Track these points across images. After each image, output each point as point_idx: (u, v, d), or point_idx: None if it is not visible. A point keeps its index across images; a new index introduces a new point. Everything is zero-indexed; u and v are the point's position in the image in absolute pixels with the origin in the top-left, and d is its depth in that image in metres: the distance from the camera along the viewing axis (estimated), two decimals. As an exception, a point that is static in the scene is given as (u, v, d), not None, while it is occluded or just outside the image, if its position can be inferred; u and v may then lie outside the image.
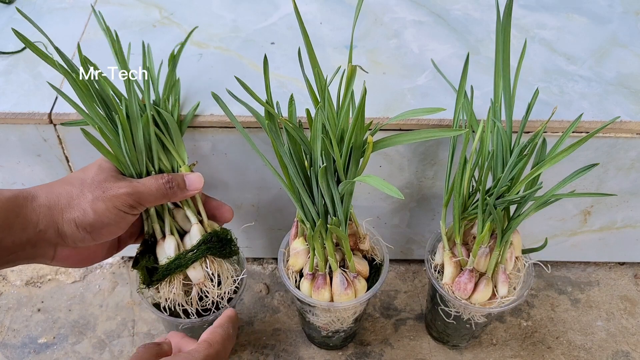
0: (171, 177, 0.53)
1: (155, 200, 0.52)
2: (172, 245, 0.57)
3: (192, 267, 0.56)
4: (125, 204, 0.49)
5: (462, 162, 0.58)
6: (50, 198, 0.48)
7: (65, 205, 0.48)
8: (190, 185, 0.55)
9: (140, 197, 0.50)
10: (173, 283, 0.57)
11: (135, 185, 0.51)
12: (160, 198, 0.52)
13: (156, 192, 0.52)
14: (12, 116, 0.63)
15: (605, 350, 0.75)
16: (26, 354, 0.73)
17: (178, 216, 0.60)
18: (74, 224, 0.48)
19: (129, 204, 0.50)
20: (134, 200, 0.50)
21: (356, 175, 0.51)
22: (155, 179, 0.52)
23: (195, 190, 0.55)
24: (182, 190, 0.54)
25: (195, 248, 0.57)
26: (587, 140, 0.52)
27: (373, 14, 0.78)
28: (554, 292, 0.81)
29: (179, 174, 0.55)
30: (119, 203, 0.49)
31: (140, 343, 0.74)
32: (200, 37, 0.74)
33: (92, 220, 0.48)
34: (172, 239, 0.58)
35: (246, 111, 0.52)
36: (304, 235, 0.61)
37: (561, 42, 0.74)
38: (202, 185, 0.55)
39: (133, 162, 0.54)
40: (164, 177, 0.53)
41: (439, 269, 0.65)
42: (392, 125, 0.63)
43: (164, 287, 0.57)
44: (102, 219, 0.48)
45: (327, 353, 0.74)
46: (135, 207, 0.51)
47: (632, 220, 0.75)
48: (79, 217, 0.48)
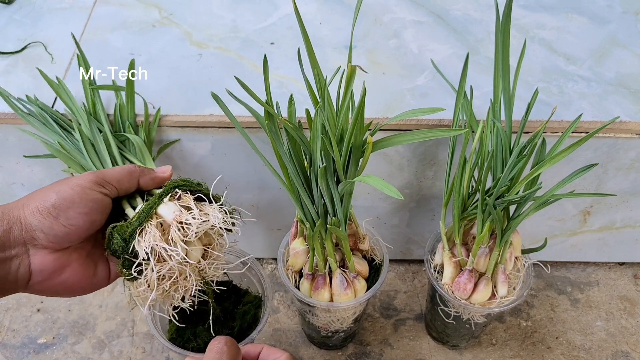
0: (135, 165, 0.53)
1: (120, 177, 0.50)
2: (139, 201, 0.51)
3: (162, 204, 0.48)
4: (89, 180, 0.47)
5: (461, 162, 0.58)
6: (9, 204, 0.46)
7: (25, 200, 0.46)
8: (158, 170, 0.53)
9: (104, 174, 0.49)
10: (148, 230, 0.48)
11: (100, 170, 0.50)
12: (126, 175, 0.50)
13: (121, 170, 0.50)
14: (12, 116, 0.63)
15: (605, 350, 0.75)
16: (26, 354, 0.73)
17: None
18: (37, 211, 0.45)
19: (94, 180, 0.48)
20: (98, 177, 0.48)
21: (356, 176, 0.51)
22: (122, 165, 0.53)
23: (164, 173, 0.53)
24: (150, 171, 0.52)
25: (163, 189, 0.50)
26: (587, 140, 0.52)
27: (373, 14, 0.78)
28: (554, 292, 0.81)
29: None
30: (82, 181, 0.47)
31: (140, 343, 0.74)
32: (200, 37, 0.74)
33: (54, 201, 0.45)
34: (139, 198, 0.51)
35: (246, 111, 0.52)
36: (304, 235, 0.61)
37: (561, 42, 0.74)
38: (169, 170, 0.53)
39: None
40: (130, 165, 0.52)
41: (438, 269, 0.65)
42: (392, 126, 0.63)
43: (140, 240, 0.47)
44: (65, 196, 0.46)
45: (327, 353, 0.74)
46: (101, 184, 0.48)
47: (631, 220, 0.75)
48: (40, 202, 0.45)
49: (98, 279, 0.51)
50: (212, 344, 0.44)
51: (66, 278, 0.48)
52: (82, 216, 0.47)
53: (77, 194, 0.46)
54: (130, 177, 0.50)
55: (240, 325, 0.63)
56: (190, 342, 0.61)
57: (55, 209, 0.46)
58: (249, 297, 0.66)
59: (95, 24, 0.76)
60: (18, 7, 0.78)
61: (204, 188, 0.53)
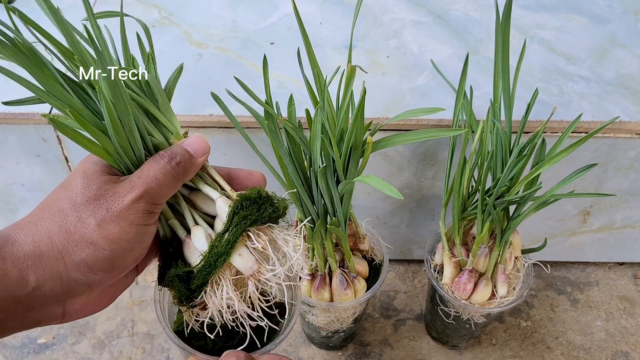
0: (170, 152, 0.40)
1: (169, 189, 0.40)
2: (202, 236, 0.42)
3: (235, 254, 0.41)
4: (140, 213, 0.37)
5: (461, 162, 0.58)
6: (39, 241, 0.35)
7: (63, 245, 0.35)
8: (196, 152, 0.42)
9: (152, 194, 0.38)
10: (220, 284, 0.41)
11: (139, 183, 0.38)
12: (173, 184, 0.40)
13: (165, 178, 0.39)
14: (12, 116, 0.63)
15: (605, 350, 0.75)
16: (25, 354, 0.73)
17: (197, 200, 0.45)
18: (85, 266, 0.36)
19: (145, 210, 0.37)
20: (148, 203, 0.38)
21: (356, 176, 0.51)
22: (155, 162, 0.40)
23: (203, 155, 0.42)
24: (190, 161, 0.41)
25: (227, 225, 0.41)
26: (587, 140, 0.52)
27: (372, 14, 0.78)
28: (554, 292, 0.81)
29: (176, 145, 0.42)
30: (134, 216, 0.37)
31: (140, 343, 0.74)
32: (199, 37, 0.74)
33: (109, 254, 0.36)
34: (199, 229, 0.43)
35: (246, 111, 0.52)
36: (304, 235, 0.61)
37: (560, 42, 0.74)
38: (208, 147, 0.43)
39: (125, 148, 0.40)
40: (163, 155, 0.40)
41: (438, 269, 0.65)
42: (392, 126, 0.63)
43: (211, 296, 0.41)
44: (121, 245, 0.36)
45: (327, 353, 0.74)
46: (152, 211, 0.38)
47: (631, 220, 0.75)
48: (89, 255, 0.36)
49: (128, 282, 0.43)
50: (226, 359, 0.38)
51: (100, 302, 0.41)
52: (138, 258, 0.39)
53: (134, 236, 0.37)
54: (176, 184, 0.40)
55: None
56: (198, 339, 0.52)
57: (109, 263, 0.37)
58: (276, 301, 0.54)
59: (95, 24, 0.75)
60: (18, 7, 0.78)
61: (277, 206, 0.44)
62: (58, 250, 0.35)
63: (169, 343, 0.74)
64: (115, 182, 0.38)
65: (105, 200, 0.37)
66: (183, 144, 0.42)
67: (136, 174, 0.39)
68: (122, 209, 0.36)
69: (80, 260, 0.35)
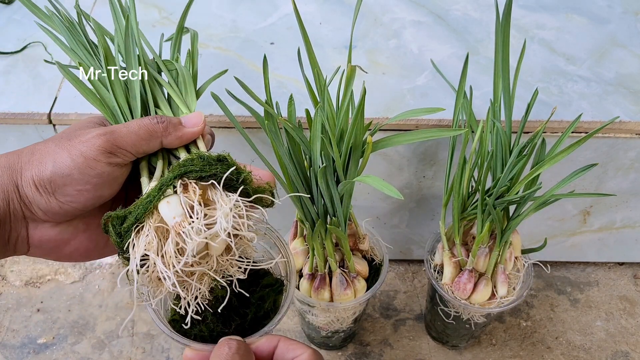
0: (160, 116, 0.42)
1: (138, 140, 0.40)
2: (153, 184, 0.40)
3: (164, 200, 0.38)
4: (94, 147, 0.38)
5: (461, 162, 0.58)
6: (10, 158, 0.38)
7: (24, 162, 0.38)
8: (187, 122, 0.42)
9: (115, 136, 0.38)
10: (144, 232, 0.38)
11: (112, 128, 0.39)
12: (146, 138, 0.40)
13: (138, 129, 0.40)
14: (12, 116, 0.63)
15: (605, 350, 0.75)
16: (25, 354, 0.73)
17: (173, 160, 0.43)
18: (32, 183, 0.37)
19: (100, 146, 0.38)
20: (108, 141, 0.38)
21: (355, 176, 0.51)
22: (140, 120, 0.41)
23: (193, 127, 0.43)
24: (175, 126, 0.41)
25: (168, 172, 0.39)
26: (587, 140, 0.52)
27: (372, 14, 0.78)
28: (554, 292, 0.81)
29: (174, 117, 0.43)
30: (85, 148, 0.38)
31: (140, 343, 0.74)
32: (199, 37, 0.74)
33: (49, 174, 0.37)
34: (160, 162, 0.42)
35: (246, 111, 0.52)
36: (304, 235, 0.61)
37: (560, 42, 0.74)
38: (202, 121, 0.43)
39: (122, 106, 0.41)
40: (151, 117, 0.41)
41: (438, 269, 0.65)
42: (392, 126, 0.63)
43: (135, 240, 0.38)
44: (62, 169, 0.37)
45: (327, 353, 0.74)
46: (111, 151, 0.38)
47: (631, 220, 0.75)
48: (36, 173, 0.38)
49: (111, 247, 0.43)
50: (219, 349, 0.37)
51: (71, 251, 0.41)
52: (83, 193, 0.39)
53: (78, 167, 0.37)
54: (150, 139, 0.40)
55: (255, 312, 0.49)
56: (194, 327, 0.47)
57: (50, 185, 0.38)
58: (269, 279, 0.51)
59: (95, 24, 0.75)
60: (18, 7, 0.78)
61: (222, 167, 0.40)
62: (20, 166, 0.38)
63: (169, 343, 0.74)
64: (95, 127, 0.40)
65: (73, 134, 0.39)
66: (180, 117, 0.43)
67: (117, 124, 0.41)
68: (80, 141, 0.38)
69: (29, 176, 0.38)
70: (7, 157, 0.39)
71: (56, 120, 0.63)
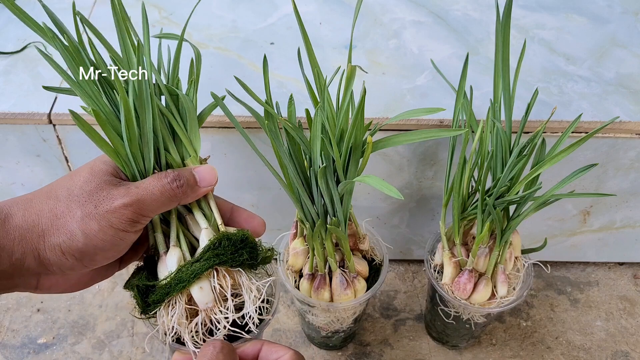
0: (177, 173, 0.42)
1: (160, 206, 0.41)
2: (175, 258, 0.44)
3: (196, 285, 0.42)
4: (123, 219, 0.39)
5: (461, 162, 0.58)
6: (28, 218, 0.38)
7: (47, 226, 0.38)
8: (202, 181, 0.44)
9: (142, 206, 0.40)
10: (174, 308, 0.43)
11: (134, 192, 0.40)
12: (167, 203, 0.42)
13: (161, 196, 0.41)
14: (12, 116, 0.63)
15: (605, 350, 0.75)
16: (25, 354, 0.73)
17: (191, 222, 0.47)
18: (59, 250, 0.38)
19: (129, 218, 0.39)
20: (135, 213, 0.40)
21: (356, 176, 0.51)
22: (158, 178, 0.42)
23: (208, 187, 0.45)
24: (193, 188, 0.43)
25: (200, 256, 0.43)
26: (587, 140, 0.52)
27: (372, 15, 0.78)
28: (554, 292, 0.81)
29: (186, 169, 0.44)
30: (115, 220, 0.39)
31: (140, 343, 0.74)
32: (199, 37, 0.74)
33: (81, 245, 0.38)
34: (175, 251, 0.45)
35: (246, 111, 0.52)
36: (304, 235, 0.61)
37: (560, 42, 0.74)
38: (215, 180, 0.45)
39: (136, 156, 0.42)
40: (169, 174, 0.42)
41: (438, 269, 0.65)
42: (392, 126, 0.63)
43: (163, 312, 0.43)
44: (95, 242, 0.39)
45: (327, 353, 0.74)
46: (138, 221, 0.40)
47: (631, 220, 0.75)
48: (65, 241, 0.38)
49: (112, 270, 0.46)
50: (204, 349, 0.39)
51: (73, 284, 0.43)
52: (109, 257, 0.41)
53: (111, 238, 0.39)
54: (170, 204, 0.42)
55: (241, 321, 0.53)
56: None
57: (80, 253, 0.39)
58: None
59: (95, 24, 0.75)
60: (18, 7, 0.78)
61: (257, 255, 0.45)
62: (41, 229, 0.38)
63: (169, 343, 0.74)
64: (114, 185, 0.40)
65: (97, 198, 0.39)
66: (193, 170, 0.45)
67: (136, 183, 0.41)
68: (108, 210, 0.39)
69: (56, 243, 0.38)
70: (25, 217, 0.38)
71: (56, 120, 0.63)
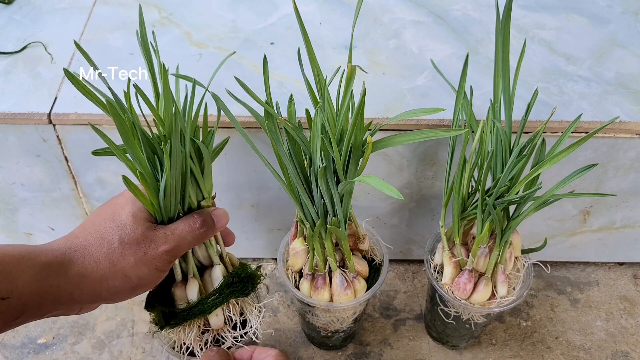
0: (203, 219, 0.50)
1: (189, 247, 0.50)
2: (195, 290, 0.54)
3: (213, 314, 0.54)
4: (165, 262, 0.47)
5: (461, 162, 0.58)
6: (87, 266, 0.44)
7: (105, 272, 0.45)
8: (218, 223, 0.52)
9: (178, 250, 0.48)
10: (191, 328, 0.54)
11: (172, 239, 0.48)
12: (194, 244, 0.50)
13: (192, 240, 0.49)
14: (12, 116, 0.63)
15: (605, 350, 0.75)
16: (25, 354, 0.73)
17: (199, 252, 0.57)
18: (114, 290, 0.45)
19: (169, 261, 0.48)
20: (173, 256, 0.48)
21: (355, 176, 0.51)
22: (188, 224, 0.49)
23: (221, 228, 0.53)
24: (212, 230, 0.51)
25: (217, 292, 0.54)
26: (587, 140, 0.52)
27: (372, 15, 0.78)
28: (554, 292, 0.81)
29: (206, 212, 0.52)
30: (159, 263, 0.47)
31: (140, 343, 0.74)
32: (199, 37, 0.74)
33: (134, 285, 0.46)
34: (194, 283, 0.55)
35: (246, 111, 0.52)
36: (304, 235, 0.61)
37: (560, 42, 0.74)
38: (227, 222, 0.53)
39: (167, 207, 0.49)
40: (197, 220, 0.50)
41: (438, 269, 0.65)
42: (392, 126, 0.63)
43: (180, 331, 0.54)
44: (145, 282, 0.46)
45: (327, 353, 0.74)
46: (173, 261, 0.49)
47: (631, 220, 0.75)
48: (121, 284, 0.45)
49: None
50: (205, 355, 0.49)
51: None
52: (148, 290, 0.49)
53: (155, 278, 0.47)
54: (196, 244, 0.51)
55: None
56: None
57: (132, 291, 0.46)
58: None
59: (95, 24, 0.76)
60: (18, 7, 0.78)
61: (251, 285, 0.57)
62: (100, 275, 0.44)
63: (169, 343, 0.74)
64: (154, 231, 0.47)
65: (145, 245, 0.46)
66: (212, 213, 0.52)
67: (171, 228, 0.48)
68: (154, 256, 0.46)
69: (112, 286, 0.45)
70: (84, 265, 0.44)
71: (56, 120, 0.63)
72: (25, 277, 0.41)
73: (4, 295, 0.40)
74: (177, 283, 0.55)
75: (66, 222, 0.76)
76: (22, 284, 0.41)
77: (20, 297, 0.41)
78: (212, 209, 0.53)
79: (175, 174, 0.47)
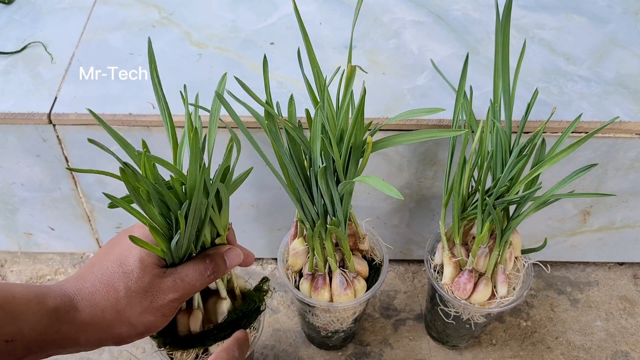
0: (214, 264, 0.49)
1: (198, 291, 0.50)
2: (198, 322, 0.54)
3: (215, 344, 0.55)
4: (172, 309, 0.47)
5: (461, 163, 0.58)
6: (94, 315, 0.44)
7: (111, 320, 0.45)
8: (230, 265, 0.50)
9: (186, 297, 0.48)
10: (190, 354, 0.55)
11: (180, 286, 0.47)
12: (203, 287, 0.49)
13: (201, 286, 0.48)
14: (12, 116, 0.63)
15: (605, 350, 0.75)
16: (25, 354, 0.73)
17: None
18: (120, 337, 0.46)
19: (176, 307, 0.47)
20: (181, 302, 0.48)
21: (356, 176, 0.51)
22: (199, 271, 0.48)
23: (233, 267, 0.51)
24: (224, 272, 0.50)
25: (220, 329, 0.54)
26: (586, 140, 0.52)
27: (372, 15, 0.78)
28: (554, 292, 0.81)
29: (219, 254, 0.50)
30: (167, 310, 0.46)
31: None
32: (199, 37, 0.74)
33: (140, 332, 0.46)
34: (198, 315, 0.54)
35: (246, 111, 0.52)
36: (304, 235, 0.61)
37: (560, 42, 0.74)
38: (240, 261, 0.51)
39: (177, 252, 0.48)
40: (208, 267, 0.48)
41: (438, 269, 0.65)
42: (392, 126, 0.63)
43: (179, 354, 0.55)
44: (151, 329, 0.46)
45: (327, 353, 0.74)
46: (179, 306, 0.48)
47: (631, 220, 0.75)
48: (127, 331, 0.45)
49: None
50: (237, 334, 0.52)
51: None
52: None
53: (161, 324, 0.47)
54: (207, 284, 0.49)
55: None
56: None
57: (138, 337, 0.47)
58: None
59: (95, 24, 0.76)
60: (18, 7, 0.78)
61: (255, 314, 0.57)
62: (106, 323, 0.44)
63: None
64: (162, 277, 0.46)
65: (152, 294, 0.46)
66: (225, 254, 0.50)
67: (181, 275, 0.47)
68: (161, 304, 0.46)
69: (118, 333, 0.45)
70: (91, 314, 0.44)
71: (56, 120, 0.63)
72: (32, 321, 0.41)
73: (8, 338, 0.40)
74: (181, 311, 0.54)
75: (66, 222, 0.76)
76: (28, 328, 0.41)
77: (24, 340, 0.41)
78: (225, 248, 0.51)
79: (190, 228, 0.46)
